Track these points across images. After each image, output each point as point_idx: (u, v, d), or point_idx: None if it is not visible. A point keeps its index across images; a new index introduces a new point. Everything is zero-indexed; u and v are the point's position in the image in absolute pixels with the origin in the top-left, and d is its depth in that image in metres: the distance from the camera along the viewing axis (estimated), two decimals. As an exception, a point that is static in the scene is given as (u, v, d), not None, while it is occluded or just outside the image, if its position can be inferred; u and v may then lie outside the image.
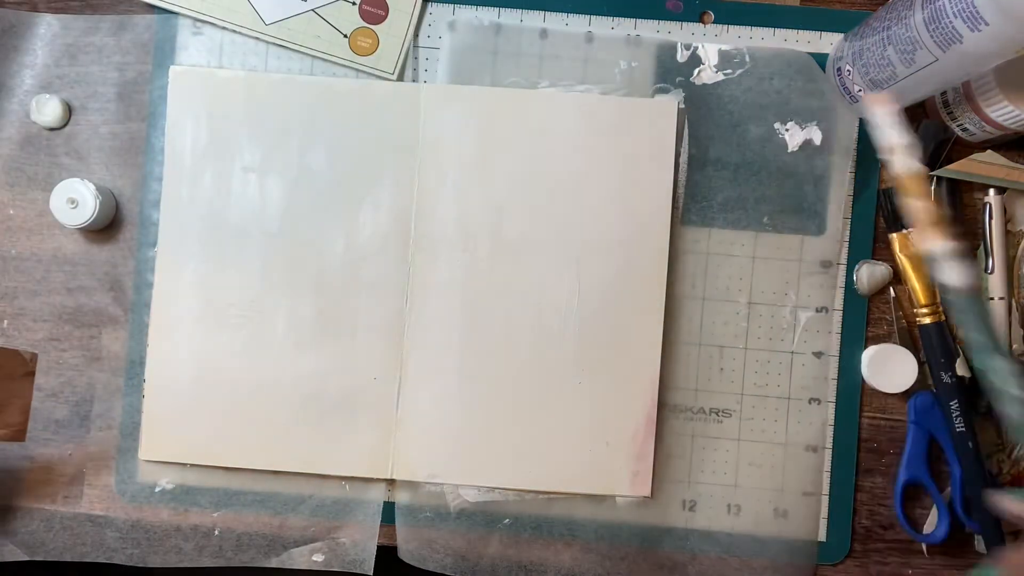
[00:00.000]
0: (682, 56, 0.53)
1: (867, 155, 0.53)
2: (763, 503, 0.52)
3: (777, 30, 0.53)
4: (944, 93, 0.51)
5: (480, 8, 0.53)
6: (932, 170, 0.51)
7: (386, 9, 0.52)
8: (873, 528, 0.53)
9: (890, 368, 0.52)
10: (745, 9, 0.53)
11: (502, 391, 0.52)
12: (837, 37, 0.52)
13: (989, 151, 0.52)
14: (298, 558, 0.52)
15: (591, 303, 0.52)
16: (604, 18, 0.53)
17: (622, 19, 0.53)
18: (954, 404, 0.51)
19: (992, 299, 0.52)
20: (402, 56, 0.53)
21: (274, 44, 0.53)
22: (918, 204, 0.38)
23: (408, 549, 0.52)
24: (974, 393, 0.52)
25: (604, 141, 0.52)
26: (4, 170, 0.53)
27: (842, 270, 0.53)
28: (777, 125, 0.53)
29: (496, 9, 0.53)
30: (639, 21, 0.53)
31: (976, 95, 0.48)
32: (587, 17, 0.53)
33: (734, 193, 0.53)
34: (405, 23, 0.52)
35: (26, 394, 0.49)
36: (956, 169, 0.51)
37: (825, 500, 0.53)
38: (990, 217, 0.52)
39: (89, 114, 0.53)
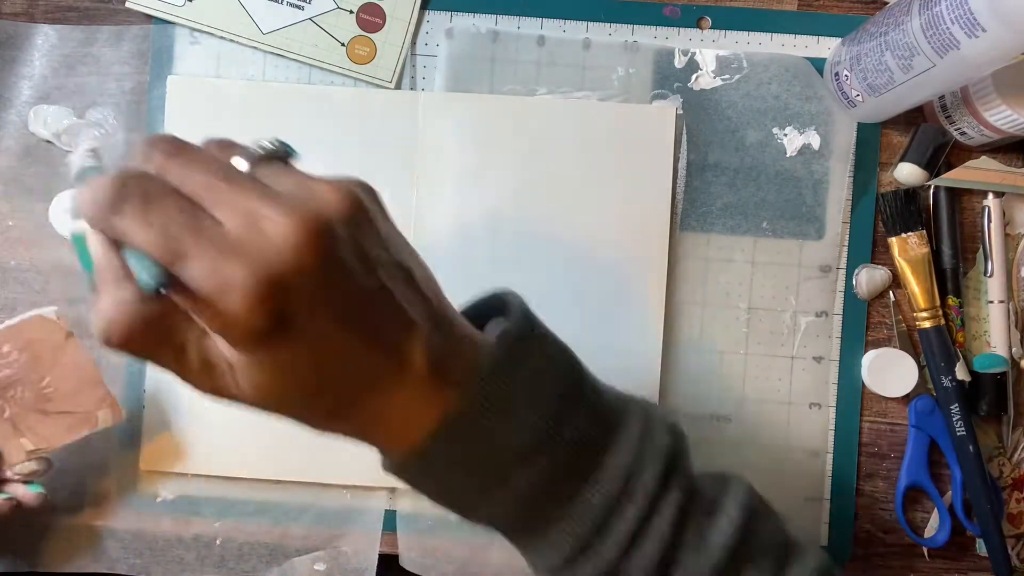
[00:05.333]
0: (680, 62, 0.53)
1: (866, 159, 0.53)
2: (764, 508, 0.52)
3: (774, 35, 0.53)
4: (942, 97, 0.51)
5: (477, 15, 0.53)
6: (931, 174, 0.51)
7: (383, 17, 0.52)
8: (875, 532, 0.53)
9: (890, 372, 0.52)
10: (742, 14, 0.53)
11: (503, 398, 0.52)
12: (835, 42, 0.52)
13: (984, 157, 0.52)
14: (300, 567, 0.52)
15: (591, 309, 0.52)
16: (602, 24, 0.53)
17: (619, 25, 0.53)
18: (954, 408, 0.51)
19: (991, 302, 0.52)
20: (400, 64, 0.53)
21: (272, 53, 0.53)
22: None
23: (410, 557, 0.52)
24: (974, 397, 0.52)
25: (603, 148, 0.52)
26: (3, 181, 0.53)
27: (841, 274, 0.53)
28: (775, 130, 0.53)
29: (493, 16, 0.53)
30: (636, 27, 0.53)
31: (974, 99, 0.48)
32: (584, 24, 0.53)
33: (733, 198, 0.53)
34: (402, 31, 0.52)
35: (82, 359, 0.47)
36: (952, 177, 0.51)
37: (826, 505, 0.53)
38: (989, 221, 0.52)
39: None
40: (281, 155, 0.30)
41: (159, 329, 0.28)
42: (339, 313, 0.28)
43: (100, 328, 0.28)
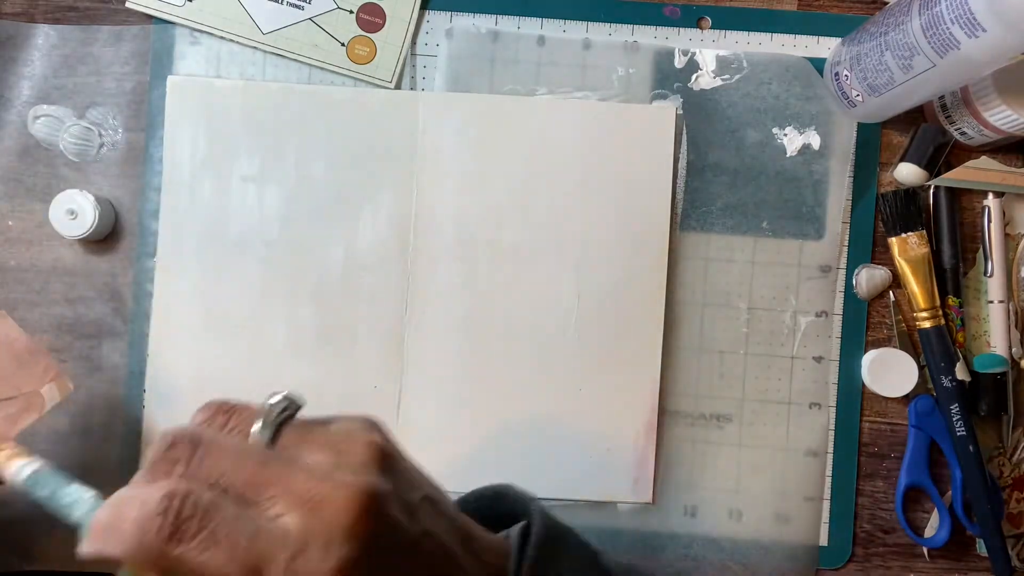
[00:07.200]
0: (680, 62, 0.53)
1: (866, 159, 0.53)
2: (764, 508, 0.52)
3: (774, 35, 0.53)
4: (942, 97, 0.51)
5: (477, 15, 0.53)
6: (931, 174, 0.51)
7: (383, 17, 0.52)
8: (874, 532, 0.53)
9: (890, 372, 0.52)
10: (742, 14, 0.53)
11: (502, 399, 0.52)
12: (835, 42, 0.52)
13: (984, 157, 0.52)
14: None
15: (591, 310, 0.52)
16: (602, 24, 0.53)
17: (619, 25, 0.53)
18: (954, 408, 0.51)
19: (992, 302, 0.52)
20: (400, 64, 0.53)
21: (272, 53, 0.53)
22: None
23: (410, 557, 0.52)
24: (974, 397, 0.52)
25: (602, 148, 0.52)
26: (3, 181, 0.53)
27: (841, 274, 0.53)
28: (775, 130, 0.53)
29: (493, 16, 0.53)
30: (636, 27, 0.53)
31: (974, 99, 0.48)
32: (584, 24, 0.53)
33: (733, 198, 0.53)
34: (402, 31, 0.52)
35: (14, 333, 0.42)
36: (952, 177, 0.51)
37: (826, 504, 0.53)
38: (989, 220, 0.52)
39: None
40: (292, 413, 0.29)
41: None
42: (399, 572, 0.27)
43: None
